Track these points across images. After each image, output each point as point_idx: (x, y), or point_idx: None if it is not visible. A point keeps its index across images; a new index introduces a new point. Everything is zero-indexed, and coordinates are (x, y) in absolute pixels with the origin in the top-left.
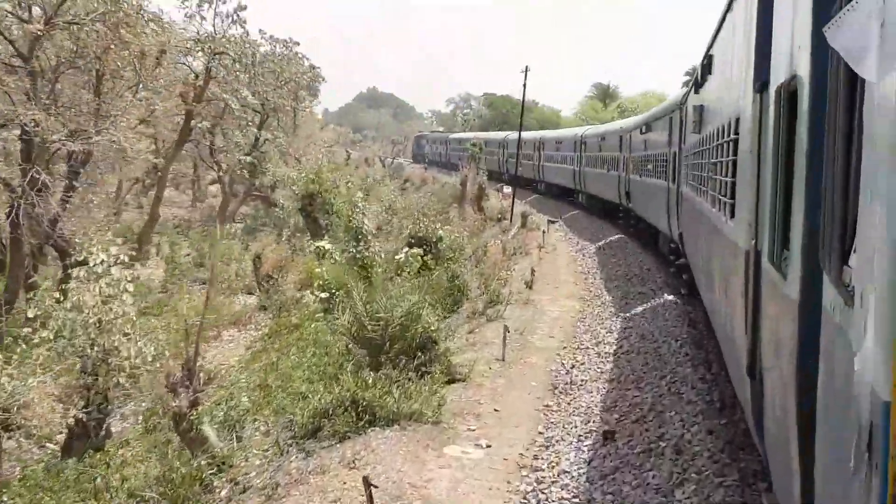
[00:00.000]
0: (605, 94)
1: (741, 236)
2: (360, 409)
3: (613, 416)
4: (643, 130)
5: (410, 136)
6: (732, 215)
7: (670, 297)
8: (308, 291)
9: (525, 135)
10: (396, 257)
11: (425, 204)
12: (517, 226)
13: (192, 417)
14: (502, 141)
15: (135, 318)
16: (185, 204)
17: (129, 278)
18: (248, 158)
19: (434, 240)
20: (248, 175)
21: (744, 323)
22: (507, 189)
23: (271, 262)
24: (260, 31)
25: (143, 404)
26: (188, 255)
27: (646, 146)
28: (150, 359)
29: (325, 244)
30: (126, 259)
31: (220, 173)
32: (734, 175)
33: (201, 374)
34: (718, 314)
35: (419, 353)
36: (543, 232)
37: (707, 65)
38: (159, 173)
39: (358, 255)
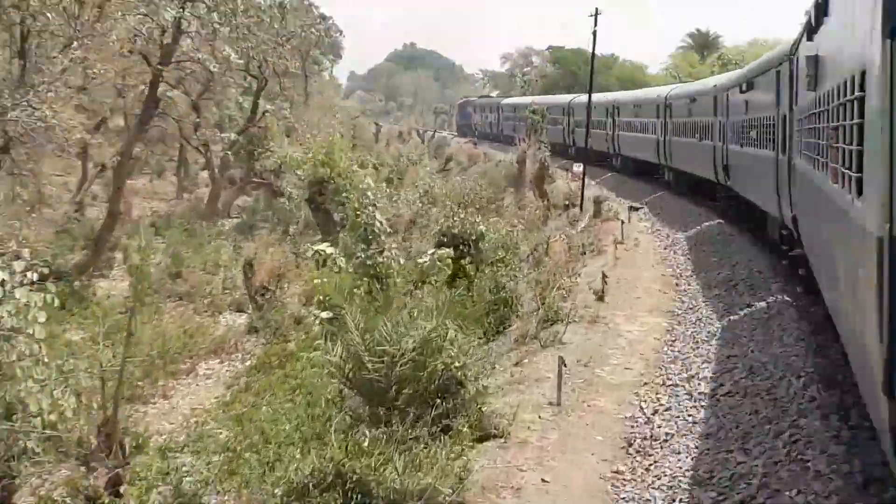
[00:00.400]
0: (703, 44)
1: (871, 219)
2: (347, 485)
3: (709, 493)
4: (743, 88)
5: (457, 102)
6: (860, 193)
7: (787, 306)
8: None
9: (596, 97)
10: (420, 261)
11: (471, 189)
12: (588, 215)
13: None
14: (567, 106)
15: (47, 359)
16: (171, 195)
17: (38, 303)
18: (236, 136)
19: (473, 237)
20: (246, 158)
21: (878, 329)
22: (578, 167)
23: (267, 269)
24: None
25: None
26: (159, 262)
27: (747, 108)
28: (70, 413)
29: (325, 247)
30: (35, 277)
31: (209, 156)
32: (861, 142)
33: (126, 441)
34: (845, 317)
35: (439, 400)
36: (622, 223)
37: (822, 4)
38: (119, 157)
39: (368, 262)
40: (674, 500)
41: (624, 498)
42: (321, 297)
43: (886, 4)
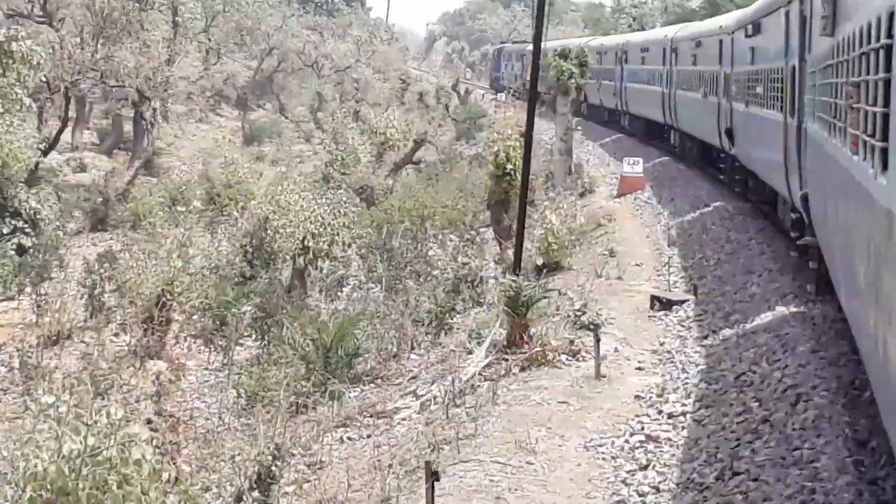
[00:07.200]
0: None
1: None
2: None
3: None
4: (749, 32)
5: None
6: (885, 167)
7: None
8: None
9: (606, 40)
10: None
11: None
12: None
13: None
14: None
15: None
16: None
17: None
18: None
19: None
20: None
21: None
22: (633, 165)
23: None
24: None
25: None
26: None
27: (753, 57)
28: None
29: None
30: None
31: None
32: (887, 101)
33: None
34: (867, 332)
35: None
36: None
37: None
38: None
39: None
40: None
41: None
42: None
43: None
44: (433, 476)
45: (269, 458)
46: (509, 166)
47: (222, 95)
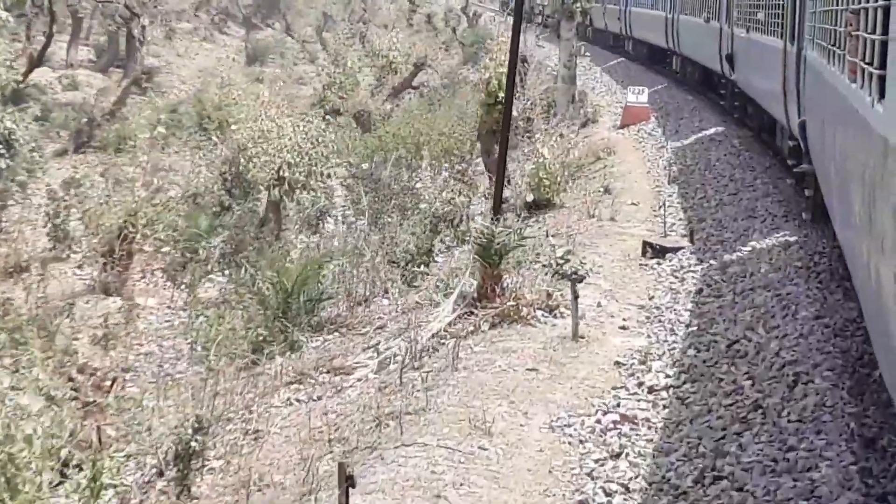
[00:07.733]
0: None
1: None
2: None
3: None
4: None
5: None
6: (882, 95)
7: None
8: None
9: None
10: None
11: None
12: None
13: None
14: None
15: None
16: None
17: None
18: None
19: None
20: None
21: None
22: (637, 95)
23: None
24: None
25: None
26: None
27: None
28: None
29: None
30: None
31: None
32: (886, 29)
33: None
34: (860, 261)
35: None
36: None
37: None
38: None
39: None
40: None
41: None
42: None
43: None
44: (347, 482)
45: (189, 431)
46: (501, 94)
47: (229, 14)
